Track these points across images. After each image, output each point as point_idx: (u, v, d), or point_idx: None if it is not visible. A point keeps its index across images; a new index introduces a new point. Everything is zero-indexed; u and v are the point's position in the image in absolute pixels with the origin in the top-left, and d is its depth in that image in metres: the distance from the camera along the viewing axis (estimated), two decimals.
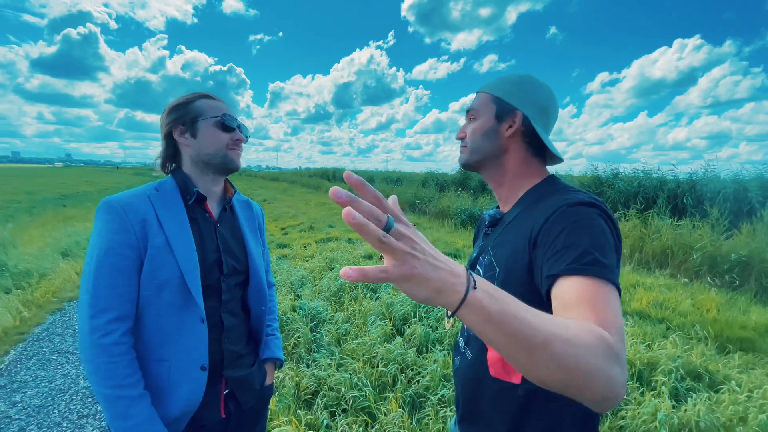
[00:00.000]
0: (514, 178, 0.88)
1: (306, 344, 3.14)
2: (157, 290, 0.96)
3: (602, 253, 0.64)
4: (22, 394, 2.70)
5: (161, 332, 0.98)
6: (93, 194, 19.40)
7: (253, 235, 1.21)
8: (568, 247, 0.65)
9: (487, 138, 0.88)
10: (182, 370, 0.99)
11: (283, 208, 14.07)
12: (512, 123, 0.85)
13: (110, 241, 0.93)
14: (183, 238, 0.99)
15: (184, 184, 1.06)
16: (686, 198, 7.56)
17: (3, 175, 47.07)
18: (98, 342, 0.89)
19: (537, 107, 0.86)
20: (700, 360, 2.90)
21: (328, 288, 4.39)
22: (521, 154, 0.88)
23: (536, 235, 0.72)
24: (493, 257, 0.83)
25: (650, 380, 2.66)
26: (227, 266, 1.09)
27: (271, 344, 1.27)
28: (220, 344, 1.08)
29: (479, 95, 0.92)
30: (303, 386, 2.54)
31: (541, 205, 0.78)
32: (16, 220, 9.31)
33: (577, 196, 0.73)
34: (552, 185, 0.84)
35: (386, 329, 3.27)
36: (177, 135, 1.05)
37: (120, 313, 0.92)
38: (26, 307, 4.06)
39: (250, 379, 1.16)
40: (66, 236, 6.78)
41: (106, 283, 0.91)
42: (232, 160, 1.08)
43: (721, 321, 3.87)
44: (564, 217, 0.69)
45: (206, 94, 1.09)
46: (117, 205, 0.95)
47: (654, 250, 6.27)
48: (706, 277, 5.45)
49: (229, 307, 1.11)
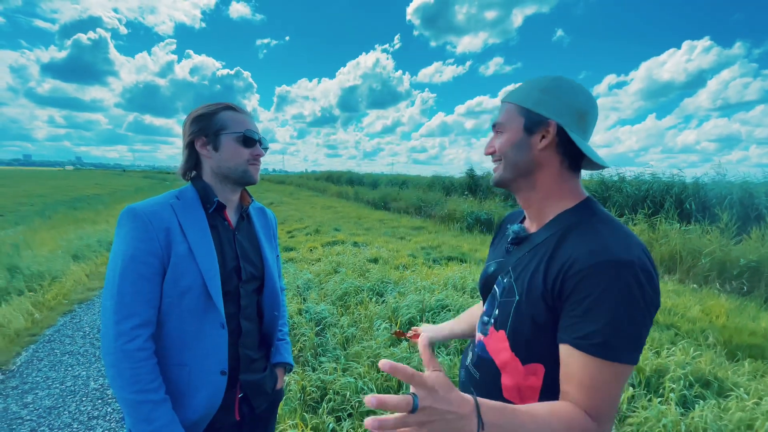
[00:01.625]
0: (546, 198, 0.81)
1: (312, 348, 3.16)
2: (180, 297, 0.98)
3: (617, 332, 0.63)
4: (33, 395, 2.75)
5: (183, 338, 1.00)
6: (103, 197, 19.67)
7: (268, 242, 1.24)
8: (586, 317, 0.66)
9: (519, 150, 0.79)
10: (202, 375, 1.01)
11: (290, 211, 14.15)
12: (545, 134, 0.77)
13: (135, 249, 0.95)
14: (205, 246, 1.02)
15: (204, 192, 1.08)
16: (693, 202, 7.48)
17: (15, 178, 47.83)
18: (123, 347, 0.91)
19: (573, 113, 0.77)
20: (709, 367, 2.87)
21: (334, 291, 4.41)
22: (556, 169, 0.79)
23: (562, 281, 0.69)
24: (513, 281, 0.79)
25: (658, 387, 2.64)
26: (245, 273, 1.12)
27: (282, 349, 1.30)
28: (237, 349, 1.10)
29: (504, 106, 0.84)
30: (309, 390, 2.56)
31: (575, 238, 0.72)
32: (27, 222, 9.47)
33: (616, 246, 0.67)
34: (588, 213, 0.76)
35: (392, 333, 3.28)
36: (199, 146, 1.08)
37: (144, 319, 0.95)
38: (38, 309, 4.13)
39: (263, 383, 1.19)
40: (77, 239, 6.88)
41: (130, 289, 0.94)
42: (251, 175, 1.10)
43: (730, 327, 3.83)
44: (596, 279, 0.65)
45: (230, 105, 1.10)
46: (142, 214, 0.97)
47: (662, 255, 6.22)
48: (715, 283, 5.40)
49: (246, 313, 1.13)
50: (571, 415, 0.64)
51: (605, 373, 0.64)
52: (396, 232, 9.40)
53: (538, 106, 0.77)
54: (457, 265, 5.82)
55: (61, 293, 4.61)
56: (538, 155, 0.78)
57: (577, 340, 0.66)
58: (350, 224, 10.75)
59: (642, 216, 7.38)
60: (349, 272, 5.16)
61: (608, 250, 0.66)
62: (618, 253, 0.65)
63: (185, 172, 1.13)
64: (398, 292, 4.35)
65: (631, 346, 0.64)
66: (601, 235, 0.69)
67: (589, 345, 0.65)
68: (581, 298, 0.66)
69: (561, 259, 0.70)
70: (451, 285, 4.60)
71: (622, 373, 0.65)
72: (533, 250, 0.79)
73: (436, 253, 6.89)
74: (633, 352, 0.64)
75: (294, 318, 3.66)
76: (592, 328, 0.65)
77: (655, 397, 2.51)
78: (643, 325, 0.65)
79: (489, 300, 0.89)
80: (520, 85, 0.84)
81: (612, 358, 0.64)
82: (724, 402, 2.47)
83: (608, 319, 0.64)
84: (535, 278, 0.74)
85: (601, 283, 0.65)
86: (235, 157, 1.07)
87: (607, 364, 0.64)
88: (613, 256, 0.65)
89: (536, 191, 0.81)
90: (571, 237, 0.73)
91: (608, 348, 0.64)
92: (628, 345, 0.64)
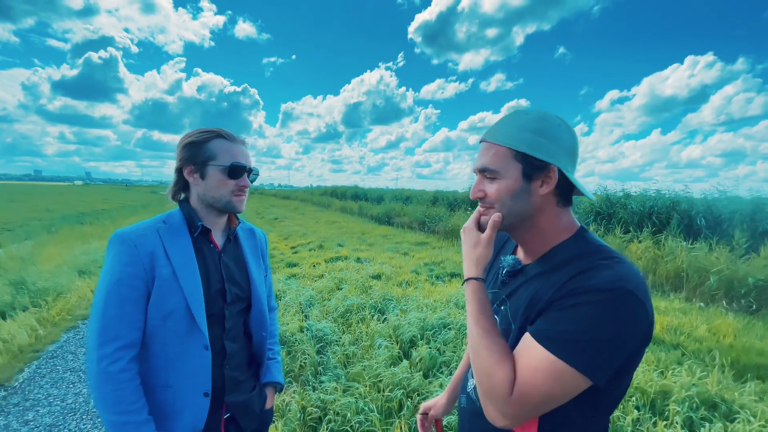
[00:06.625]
0: (544, 234, 0.80)
1: (312, 366, 3.15)
2: (164, 319, 1.01)
3: (576, 337, 0.64)
4: (34, 412, 2.75)
5: (167, 359, 1.02)
6: (110, 212, 19.88)
7: (256, 262, 1.26)
8: (560, 319, 0.67)
9: (518, 199, 0.76)
10: (186, 396, 1.03)
11: (294, 226, 14.21)
12: (545, 179, 0.75)
13: (121, 273, 0.98)
14: (188, 270, 1.04)
15: (190, 217, 1.11)
16: (700, 219, 7.42)
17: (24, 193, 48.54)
18: (105, 370, 0.93)
19: (567, 153, 0.76)
20: (716, 388, 2.82)
21: (336, 309, 4.40)
22: (552, 208, 0.79)
23: (552, 300, 0.70)
24: (509, 310, 0.81)
25: (663, 410, 2.59)
26: (231, 295, 1.14)
27: (272, 368, 1.31)
28: (222, 370, 1.12)
29: (492, 148, 0.78)
30: (309, 410, 2.54)
31: (572, 269, 0.72)
32: (35, 237, 9.58)
33: (604, 273, 0.67)
34: (582, 245, 0.76)
35: (393, 352, 3.26)
36: (186, 173, 1.10)
37: (127, 341, 0.97)
38: (42, 325, 4.16)
39: (251, 403, 1.20)
40: (83, 254, 6.94)
41: (114, 313, 0.96)
42: (234, 206, 1.12)
43: (737, 347, 3.76)
44: (583, 299, 0.66)
45: (221, 132, 1.10)
46: (128, 238, 1.01)
47: (668, 273, 6.15)
48: (723, 301, 5.32)
49: (231, 334, 1.15)
50: (504, 368, 0.69)
51: (543, 363, 0.65)
52: (399, 248, 9.39)
53: (536, 150, 0.74)
54: (460, 282, 5.80)
55: (65, 309, 4.64)
56: (538, 201, 0.77)
57: (536, 330, 0.70)
58: (354, 239, 10.76)
59: (647, 233, 7.33)
60: (351, 289, 5.15)
61: (603, 278, 0.66)
62: (612, 282, 0.65)
63: (174, 194, 1.15)
64: (400, 309, 4.33)
65: (586, 356, 0.63)
66: (597, 265, 0.69)
67: (542, 336, 0.67)
68: (559, 306, 0.68)
69: (555, 287, 0.71)
70: (453, 302, 4.57)
71: (564, 374, 0.64)
72: (529, 282, 0.79)
73: (439, 269, 6.87)
74: (585, 362, 0.63)
75: (295, 335, 3.65)
76: (555, 328, 0.67)
77: (660, 420, 2.46)
78: (615, 347, 0.64)
79: None
80: (503, 123, 0.79)
81: (556, 352, 0.64)
82: (731, 425, 2.42)
83: (583, 328, 0.64)
84: (530, 309, 0.75)
85: (590, 306, 0.65)
86: (220, 188, 1.09)
87: (551, 357, 0.65)
88: (606, 284, 0.65)
89: (533, 231, 0.81)
90: (567, 269, 0.72)
91: (557, 343, 0.65)
92: (582, 351, 0.63)
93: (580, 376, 0.64)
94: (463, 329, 3.60)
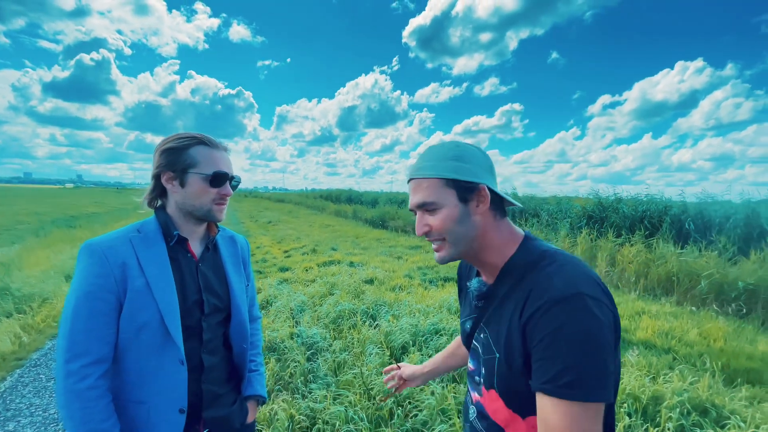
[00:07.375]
0: (492, 251, 0.84)
1: (302, 374, 3.10)
2: (137, 332, 0.96)
3: (579, 371, 0.64)
4: (15, 422, 2.67)
5: (140, 374, 0.98)
6: (101, 215, 19.64)
7: (236, 271, 1.21)
8: (546, 359, 0.67)
9: (462, 223, 0.81)
10: (160, 413, 0.99)
11: (287, 230, 14.12)
12: (479, 198, 0.80)
13: (90, 285, 0.94)
14: (163, 281, 1.00)
15: (166, 225, 1.06)
16: (690, 223, 7.47)
17: (13, 196, 47.88)
18: (72, 387, 0.89)
19: (486, 171, 0.82)
20: (707, 393, 2.82)
21: (327, 314, 4.36)
22: (492, 223, 0.83)
23: (524, 326, 0.72)
24: (489, 337, 0.82)
25: (655, 416, 2.58)
26: (209, 305, 1.09)
27: (254, 381, 1.27)
28: (200, 385, 1.08)
29: (423, 182, 0.82)
30: (298, 419, 2.49)
31: (528, 282, 0.76)
32: (22, 241, 9.42)
33: (561, 283, 0.70)
34: (531, 253, 0.80)
35: (384, 359, 3.22)
36: (165, 180, 1.05)
37: (96, 356, 0.93)
38: (26, 332, 4.06)
39: (231, 418, 1.15)
40: (71, 258, 6.82)
41: (82, 327, 0.92)
42: (214, 215, 1.08)
43: (728, 351, 3.78)
44: (548, 318, 0.68)
45: (202, 139, 1.06)
46: (98, 249, 0.96)
47: (659, 276, 6.17)
48: (713, 305, 5.35)
49: (209, 347, 1.10)
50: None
51: (576, 413, 0.64)
52: (393, 252, 9.36)
53: (462, 174, 0.79)
54: (453, 287, 5.77)
55: (50, 315, 4.54)
56: (479, 220, 0.82)
57: (543, 385, 0.67)
58: (347, 243, 10.72)
59: (639, 237, 7.36)
60: (343, 294, 5.11)
61: (554, 287, 0.70)
62: (564, 289, 0.69)
63: (150, 201, 1.11)
64: (392, 315, 4.30)
65: (598, 383, 0.64)
66: (547, 274, 0.73)
67: (556, 388, 0.65)
68: (539, 339, 0.69)
69: (522, 304, 0.74)
70: (446, 308, 4.55)
71: (594, 411, 0.64)
72: (500, 303, 0.82)
73: (432, 273, 6.85)
74: (601, 390, 0.64)
75: (285, 342, 3.60)
76: (556, 369, 0.65)
77: (651, 426, 2.45)
78: (603, 357, 0.66)
79: (473, 355, 0.91)
80: (423, 159, 0.84)
81: (580, 398, 0.64)
82: (722, 431, 2.42)
83: (568, 358, 0.65)
84: (508, 332, 0.76)
85: (554, 322, 0.67)
86: (201, 197, 1.05)
87: (576, 404, 0.64)
88: (559, 293, 0.68)
89: (482, 250, 0.84)
90: (525, 282, 0.76)
91: (574, 388, 0.64)
92: (594, 382, 0.64)
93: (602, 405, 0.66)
94: (456, 335, 3.57)
